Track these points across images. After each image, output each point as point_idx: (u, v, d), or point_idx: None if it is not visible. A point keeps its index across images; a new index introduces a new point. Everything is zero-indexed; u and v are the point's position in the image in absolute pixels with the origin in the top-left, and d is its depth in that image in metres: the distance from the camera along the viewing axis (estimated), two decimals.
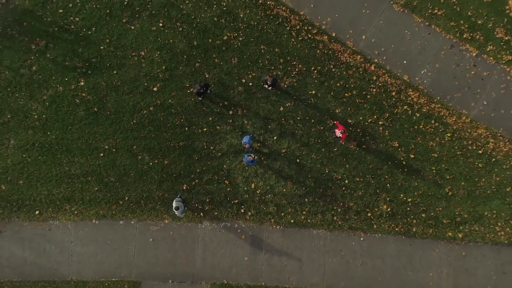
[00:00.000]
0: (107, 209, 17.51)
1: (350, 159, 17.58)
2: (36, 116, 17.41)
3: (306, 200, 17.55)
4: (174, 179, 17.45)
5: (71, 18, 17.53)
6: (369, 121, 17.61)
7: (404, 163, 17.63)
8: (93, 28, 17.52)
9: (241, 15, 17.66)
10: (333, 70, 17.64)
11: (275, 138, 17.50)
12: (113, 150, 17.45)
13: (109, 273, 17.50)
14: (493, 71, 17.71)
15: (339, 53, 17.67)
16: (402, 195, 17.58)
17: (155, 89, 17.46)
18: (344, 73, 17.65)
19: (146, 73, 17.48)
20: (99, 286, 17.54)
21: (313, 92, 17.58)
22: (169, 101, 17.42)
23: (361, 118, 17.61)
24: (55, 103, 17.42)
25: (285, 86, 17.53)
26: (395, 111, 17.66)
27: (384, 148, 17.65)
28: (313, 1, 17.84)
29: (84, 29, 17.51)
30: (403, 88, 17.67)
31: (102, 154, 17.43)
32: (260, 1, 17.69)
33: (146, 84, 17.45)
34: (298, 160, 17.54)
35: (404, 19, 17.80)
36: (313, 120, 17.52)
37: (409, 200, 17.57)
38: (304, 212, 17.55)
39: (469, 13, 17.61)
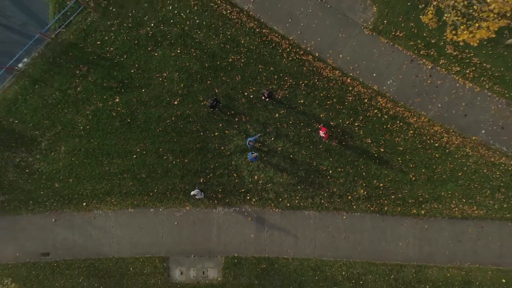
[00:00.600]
0: (140, 199, 21.90)
1: (332, 154, 21.97)
2: (81, 127, 21.82)
3: (299, 187, 21.93)
4: (193, 174, 21.85)
5: (107, 48, 21.94)
6: (347, 123, 22.01)
7: (376, 155, 22.02)
8: (125, 56, 21.94)
9: (242, 42, 22.07)
10: (317, 83, 22.05)
11: (272, 139, 21.90)
12: (144, 152, 21.85)
13: (143, 250, 21.88)
14: (445, 80, 22.11)
15: (322, 69, 22.08)
16: (375, 181, 21.97)
17: (175, 102, 21.87)
18: (326, 85, 22.05)
19: (168, 90, 21.88)
20: (135, 262, 21.93)
21: (302, 101, 21.98)
22: (187, 112, 21.82)
23: (340, 120, 22.01)
24: (96, 116, 21.83)
25: (279, 97, 21.94)
26: (367, 114, 22.06)
27: (359, 144, 22.05)
28: (299, 28, 22.24)
29: (118, 57, 21.93)
30: (374, 95, 22.07)
31: (134, 156, 21.84)
32: (257, 30, 22.10)
33: (168, 99, 21.85)
34: (291, 156, 21.94)
35: (373, 41, 22.21)
36: (302, 124, 21.92)
37: (381, 185, 21.97)
38: (297, 197, 21.93)
39: (424, 34, 22.01)
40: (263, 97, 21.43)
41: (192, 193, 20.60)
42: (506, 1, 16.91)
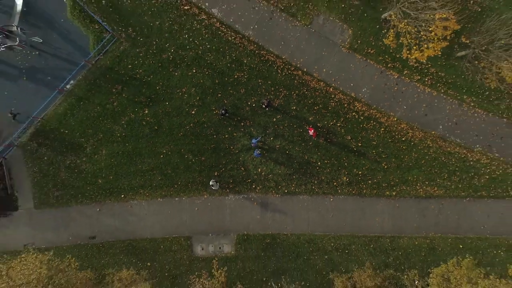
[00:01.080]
0: (167, 191, 27.30)
1: (320, 149, 27.36)
2: (118, 134, 27.25)
3: (294, 177, 27.33)
4: (209, 169, 27.25)
5: (136, 70, 27.38)
6: (331, 123, 27.41)
7: (355, 149, 27.42)
8: (151, 76, 27.37)
9: (245, 61, 27.48)
10: (306, 92, 27.45)
11: (271, 138, 27.30)
12: (169, 153, 27.27)
13: (171, 232, 27.28)
14: (409, 87, 27.51)
15: (309, 81, 27.47)
16: (355, 170, 27.37)
17: (193, 112, 27.28)
18: (313, 94, 27.45)
19: (186, 102, 27.29)
20: (164, 241, 27.34)
21: (294, 107, 27.39)
22: (202, 119, 27.23)
23: (325, 122, 27.40)
24: (130, 125, 27.26)
25: (276, 105, 27.35)
26: (347, 116, 27.46)
27: (341, 140, 27.44)
28: (290, 49, 27.64)
29: (145, 77, 27.36)
30: (351, 101, 27.46)
31: (161, 156, 27.26)
32: (257, 52, 27.51)
33: (187, 109, 27.26)
34: (287, 152, 27.34)
35: (350, 57, 27.61)
36: (295, 126, 27.32)
37: (360, 172, 27.37)
38: (293, 185, 27.33)
39: (390, 51, 27.39)
40: (263, 106, 26.84)
41: (211, 183, 26.07)
42: (445, 28, 22.41)
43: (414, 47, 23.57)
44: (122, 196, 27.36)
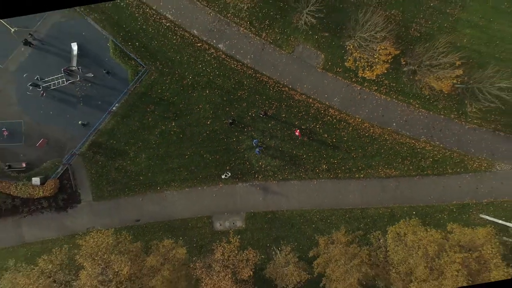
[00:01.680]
0: (191, 183, 36.42)
1: (305, 145, 36.47)
2: (153, 142, 36.40)
3: (286, 167, 36.43)
4: (222, 165, 36.36)
5: (164, 93, 36.53)
6: (311, 126, 36.54)
7: (331, 144, 36.53)
8: (175, 97, 36.56)
9: (245, 82, 36.66)
10: (292, 103, 36.57)
11: (268, 139, 36.43)
12: (191, 154, 36.41)
13: (196, 213, 36.38)
14: (369, 95, 36.65)
15: (294, 95, 36.60)
16: (331, 159, 36.47)
17: (208, 122, 36.43)
18: (297, 104, 36.56)
19: (203, 115, 36.42)
20: (192, 220, 36.42)
21: (284, 115, 36.53)
22: (216, 128, 36.37)
23: (307, 125, 36.52)
24: (161, 135, 36.40)
25: (270, 114, 36.47)
26: (324, 120, 36.58)
27: (320, 138, 36.56)
28: (279, 71, 36.76)
29: (171, 98, 36.54)
30: (326, 108, 36.58)
31: (186, 156, 36.39)
32: (254, 75, 36.66)
33: (203, 121, 36.41)
34: (280, 149, 36.46)
35: (323, 75, 36.75)
36: (285, 129, 36.44)
37: (335, 161, 36.47)
38: (286, 173, 36.42)
39: (353, 68, 36.48)
40: (260, 115, 36.00)
41: (223, 176, 35.23)
42: (386, 54, 31.63)
43: (367, 68, 32.78)
44: (158, 188, 36.49)
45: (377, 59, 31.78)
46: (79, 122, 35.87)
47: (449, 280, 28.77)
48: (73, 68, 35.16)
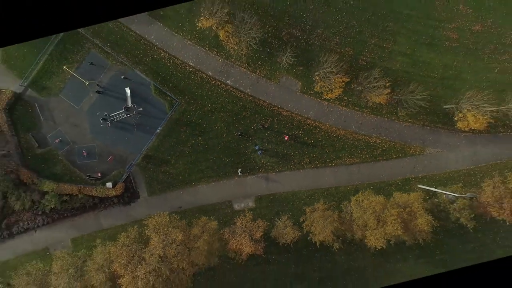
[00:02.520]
0: (215, 178, 52.45)
1: (292, 146, 52.44)
2: (187, 152, 52.43)
3: (281, 162, 52.43)
4: (236, 164, 52.35)
5: (192, 118, 52.58)
6: (295, 132, 52.51)
7: (310, 144, 52.47)
8: (200, 119, 52.55)
9: (247, 106, 52.62)
10: (281, 118, 52.54)
11: (266, 144, 52.44)
12: (214, 158, 52.44)
13: (220, 199, 52.38)
14: (334, 108, 52.55)
15: (282, 112, 52.54)
16: (311, 155, 52.40)
17: (223, 136, 52.45)
18: (285, 118, 52.49)
19: (220, 131, 52.42)
20: (217, 204, 52.36)
21: (276, 126, 52.54)
22: (229, 139, 52.39)
23: (293, 132, 52.48)
24: (192, 147, 52.40)
25: (266, 126, 52.45)
26: (304, 127, 52.53)
27: (303, 140, 52.51)
28: (271, 97, 52.70)
29: (197, 120, 52.55)
30: (305, 119, 52.51)
31: (210, 160, 52.44)
32: (253, 100, 52.63)
33: (220, 134, 52.39)
34: (275, 150, 52.46)
35: (301, 97, 52.65)
36: (277, 136, 52.43)
37: (314, 156, 52.41)
38: (281, 167, 52.41)
39: (320, 91, 52.31)
40: (260, 128, 52.02)
41: (239, 172, 51.30)
42: (340, 82, 47.71)
43: (329, 92, 48.82)
44: (192, 184, 52.44)
45: (334, 86, 47.80)
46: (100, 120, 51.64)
47: (390, 226, 44.58)
48: (129, 106, 51.20)
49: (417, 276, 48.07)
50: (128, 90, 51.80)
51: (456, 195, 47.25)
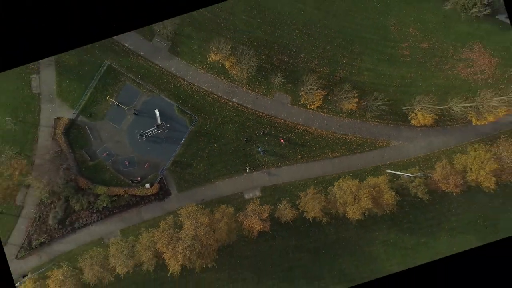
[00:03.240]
0: (229, 175, 67.50)
1: (287, 147, 67.43)
2: (205, 156, 67.46)
3: (279, 159, 67.47)
4: (244, 164, 67.37)
5: (208, 129, 67.58)
6: (289, 136, 67.51)
7: (300, 144, 67.44)
8: (214, 130, 67.58)
9: (250, 118, 67.70)
10: (277, 125, 67.53)
11: (266, 146, 67.44)
12: (227, 160, 67.47)
13: (234, 191, 67.39)
14: (317, 115, 67.52)
15: (277, 120, 67.56)
16: (302, 152, 67.37)
17: (233, 142, 67.47)
18: (280, 125, 67.48)
19: (230, 138, 67.43)
20: (232, 195, 67.36)
21: (273, 132, 67.55)
22: (238, 144, 67.43)
23: (287, 135, 67.45)
24: (209, 152, 67.44)
25: (266, 132, 67.45)
26: (295, 131, 67.53)
27: (294, 142, 67.50)
28: (268, 109, 67.75)
29: (212, 131, 67.56)
30: (295, 125, 67.52)
31: (224, 161, 67.50)
32: (254, 113, 67.69)
33: (230, 141, 67.41)
34: (274, 150, 67.48)
35: (291, 108, 67.61)
36: (275, 139, 67.42)
37: (304, 153, 67.38)
38: (279, 163, 67.46)
39: (305, 103, 67.24)
40: (261, 134, 67.05)
41: (247, 170, 66.42)
42: (320, 95, 62.89)
43: (311, 103, 63.89)
44: (211, 181, 67.44)
45: (315, 99, 62.84)
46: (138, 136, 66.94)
47: (363, 202, 59.40)
48: (159, 124, 66.23)
49: (391, 241, 63.09)
50: (157, 112, 66.77)
51: (413, 175, 62.28)
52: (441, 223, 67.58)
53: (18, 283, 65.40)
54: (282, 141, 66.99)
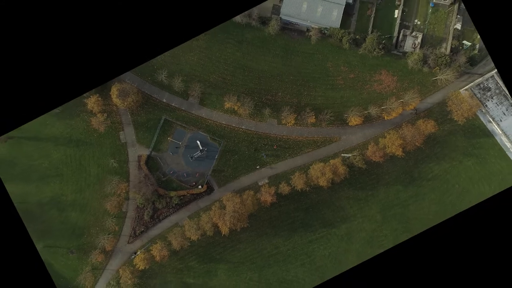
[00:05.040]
0: (246, 173, 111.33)
1: (279, 150, 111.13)
2: (231, 164, 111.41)
3: (275, 159, 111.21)
4: (255, 164, 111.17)
5: (231, 147, 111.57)
6: (279, 143, 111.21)
7: (287, 147, 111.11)
8: (234, 147, 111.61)
9: (245, 137, 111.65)
10: (271, 138, 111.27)
11: (267, 151, 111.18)
12: (244, 163, 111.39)
13: (251, 182, 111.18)
14: (295, 129, 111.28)
15: (270, 135, 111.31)
16: (289, 151, 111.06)
17: (246, 152, 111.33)
18: (272, 138, 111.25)
19: (244, 150, 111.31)
20: (252, 184, 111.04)
21: (269, 142, 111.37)
22: (249, 153, 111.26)
23: (278, 143, 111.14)
24: (234, 161, 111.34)
25: (265, 143, 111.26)
26: (282, 140, 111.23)
27: (284, 147, 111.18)
28: (260, 128, 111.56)
29: (232, 148, 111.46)
30: (282, 136, 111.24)
31: (243, 164, 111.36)
32: (249, 132, 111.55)
33: (244, 153, 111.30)
34: (271, 154, 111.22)
35: (279, 126, 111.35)
36: (270, 147, 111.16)
37: (290, 152, 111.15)
38: (276, 161, 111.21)
39: (286, 123, 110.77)
40: (263, 144, 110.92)
41: (258, 167, 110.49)
42: (291, 118, 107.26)
43: (289, 122, 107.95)
44: (237, 178, 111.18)
45: (290, 120, 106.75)
46: (192, 156, 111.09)
47: (327, 174, 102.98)
48: (201, 149, 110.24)
49: (351, 196, 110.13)
50: (198, 142, 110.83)
51: (353, 154, 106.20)
52: (379, 180, 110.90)
53: (133, 256, 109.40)
54: (275, 147, 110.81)
